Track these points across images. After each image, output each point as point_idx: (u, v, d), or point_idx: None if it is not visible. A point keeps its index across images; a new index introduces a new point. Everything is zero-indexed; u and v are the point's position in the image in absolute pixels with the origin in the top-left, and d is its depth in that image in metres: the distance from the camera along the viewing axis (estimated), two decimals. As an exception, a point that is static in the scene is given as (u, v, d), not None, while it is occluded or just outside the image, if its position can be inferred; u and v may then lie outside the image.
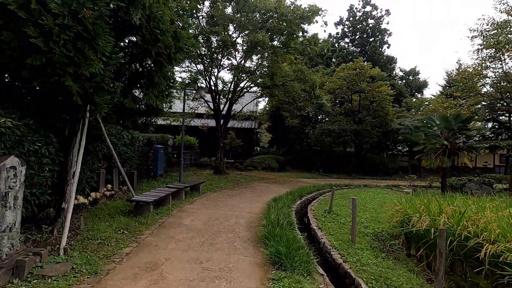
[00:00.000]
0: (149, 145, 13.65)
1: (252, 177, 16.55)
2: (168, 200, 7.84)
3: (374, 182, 18.17)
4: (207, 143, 21.64)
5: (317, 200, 10.05)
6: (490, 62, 12.99)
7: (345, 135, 19.33)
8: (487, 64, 13.20)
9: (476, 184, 13.13)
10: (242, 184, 13.59)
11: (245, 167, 20.89)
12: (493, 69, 13.31)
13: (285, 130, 24.68)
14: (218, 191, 11.24)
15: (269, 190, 12.24)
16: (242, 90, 17.15)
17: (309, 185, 14.16)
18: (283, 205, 7.99)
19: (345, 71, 19.27)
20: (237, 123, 24.34)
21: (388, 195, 11.75)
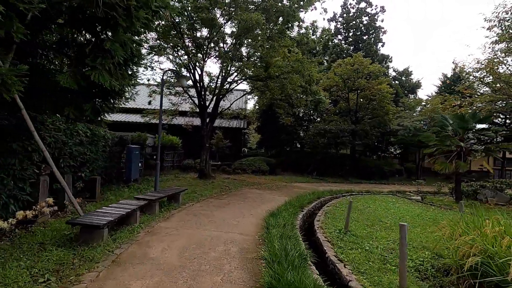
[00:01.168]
0: (121, 144, 11.61)
1: (242, 182, 14.72)
2: (134, 216, 5.92)
3: (374, 187, 16.74)
4: (191, 144, 19.65)
5: (321, 212, 8.35)
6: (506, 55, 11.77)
7: (343, 136, 17.85)
8: (503, 58, 11.96)
9: (491, 191, 11.86)
10: (230, 191, 11.75)
11: (233, 170, 19.04)
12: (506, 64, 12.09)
13: (276, 130, 22.99)
14: (203, 200, 9.35)
15: (263, 198, 10.47)
16: (231, 84, 15.32)
17: (306, 192, 12.48)
18: (285, 223, 6.22)
19: (342, 67, 17.80)
20: (224, 122, 22.44)
21: (400, 204, 10.23)
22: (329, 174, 20.48)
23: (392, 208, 9.27)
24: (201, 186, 12.09)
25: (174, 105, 17.12)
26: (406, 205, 10.35)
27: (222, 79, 14.66)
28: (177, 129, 19.67)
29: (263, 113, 24.51)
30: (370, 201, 10.69)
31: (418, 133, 19.88)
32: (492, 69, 11.65)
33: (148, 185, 11.33)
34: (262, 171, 19.51)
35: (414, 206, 10.19)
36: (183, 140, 19.31)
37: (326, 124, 18.31)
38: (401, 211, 8.86)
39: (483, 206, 11.05)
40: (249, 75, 13.50)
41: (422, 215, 8.29)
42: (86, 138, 7.37)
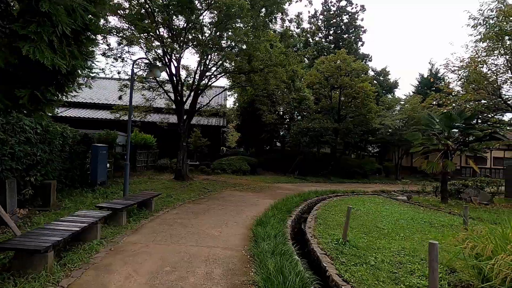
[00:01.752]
0: (85, 143, 10.28)
1: (222, 183, 13.78)
2: (94, 231, 4.85)
3: (357, 186, 16.43)
4: (167, 142, 18.38)
5: (311, 217, 7.65)
6: (488, 55, 11.72)
7: (326, 134, 17.39)
8: (485, 57, 11.91)
9: (475, 190, 11.81)
10: (210, 194, 10.78)
11: (212, 170, 18.02)
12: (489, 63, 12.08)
13: (257, 128, 22.22)
14: (179, 206, 8.33)
15: (246, 201, 9.61)
16: (210, 78, 14.30)
17: (291, 193, 11.80)
18: (275, 233, 5.41)
19: (326, 64, 17.33)
20: (203, 119, 21.31)
21: (390, 206, 9.79)
22: (311, 173, 20.03)
23: (384, 211, 8.78)
24: (178, 189, 11.01)
25: (148, 101, 15.80)
26: (395, 206, 9.94)
27: (201, 73, 13.61)
28: (152, 127, 18.31)
29: (244, 111, 23.64)
30: (359, 202, 10.19)
31: (399, 132, 19.94)
32: (476, 68, 11.57)
33: (117, 188, 10.11)
34: (242, 171, 18.67)
35: (404, 207, 9.80)
36: (158, 138, 18.01)
37: (309, 122, 17.77)
38: (394, 213, 8.37)
39: (468, 205, 10.92)
40: (230, 69, 12.57)
41: (416, 218, 7.84)
42: (36, 136, 6.11)
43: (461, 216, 8.74)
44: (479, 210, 10.00)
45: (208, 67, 13.77)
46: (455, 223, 7.30)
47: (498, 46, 10.94)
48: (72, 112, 19.03)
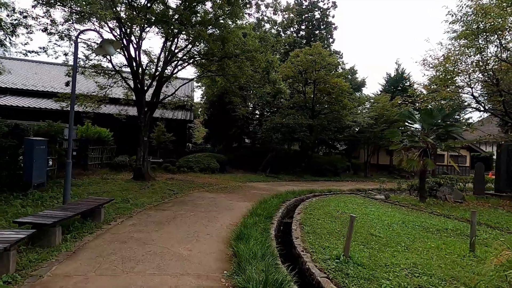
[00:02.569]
0: (16, 136, 8.30)
1: (189, 183, 12.33)
2: (4, 262, 3.33)
3: (332, 185, 15.92)
4: (126, 137, 16.36)
5: (296, 224, 6.65)
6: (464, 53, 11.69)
7: (301, 131, 16.65)
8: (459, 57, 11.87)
9: (449, 188, 11.77)
10: (176, 197, 9.33)
11: (178, 169, 16.40)
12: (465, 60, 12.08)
13: (227, 124, 20.88)
14: (138, 213, 6.84)
15: (219, 205, 8.36)
16: (177, 64, 12.70)
17: (267, 194, 10.79)
18: (263, 252, 4.28)
19: (301, 57, 16.53)
20: (167, 112, 19.47)
21: (372, 207, 9.17)
22: (282, 171, 19.25)
23: (370, 213, 8.09)
24: (137, 191, 9.40)
25: (102, 89, 13.72)
26: (379, 207, 9.37)
27: (165, 59, 11.97)
28: (108, 120, 16.17)
29: (212, 105, 22.16)
30: (341, 203, 9.46)
31: (370, 129, 19.93)
32: (446, 66, 11.47)
33: (59, 192, 8.26)
34: (211, 169, 17.29)
35: (387, 208, 9.26)
36: (115, 133, 15.95)
37: (283, 118, 16.90)
38: (381, 216, 7.70)
39: (445, 203, 10.80)
40: (201, 53, 11.12)
41: (406, 221, 7.22)
42: None
43: (447, 217, 8.40)
44: (458, 209, 9.82)
45: (174, 52, 12.18)
46: (449, 227, 6.77)
47: (473, 44, 10.88)
48: (9, 100, 16.15)
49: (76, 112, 14.98)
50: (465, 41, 11.38)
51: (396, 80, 27.59)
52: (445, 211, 9.33)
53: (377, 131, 19.78)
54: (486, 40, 10.50)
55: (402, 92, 25.80)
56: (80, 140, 13.92)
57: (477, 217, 8.20)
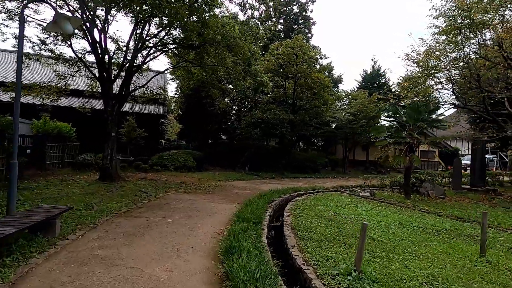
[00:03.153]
0: None
1: (164, 183, 11.25)
2: None
3: (314, 182, 15.51)
4: (92, 133, 14.86)
5: (288, 229, 5.97)
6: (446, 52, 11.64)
7: (283, 127, 16.04)
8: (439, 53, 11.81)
9: (430, 184, 11.77)
10: (150, 200, 8.29)
11: (151, 167, 15.15)
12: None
13: (203, 119, 19.79)
14: (103, 222, 5.79)
15: (200, 209, 7.47)
16: (149, 53, 11.50)
17: (250, 194, 10.07)
18: (262, 272, 3.52)
19: (282, 49, 15.85)
20: (139, 106, 18.01)
21: (362, 205, 8.76)
22: (262, 168, 18.60)
23: (362, 213, 7.64)
24: (104, 195, 8.23)
25: (62, 78, 12.15)
26: (368, 206, 8.99)
27: (136, 44, 10.74)
28: (70, 113, 14.56)
29: (188, 99, 20.93)
30: (330, 203, 8.95)
31: (349, 125, 19.85)
32: (439, 59, 11.37)
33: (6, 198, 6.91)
34: (187, 167, 16.22)
35: (377, 207, 8.90)
36: (79, 128, 14.42)
37: (264, 113, 16.18)
38: (375, 217, 7.27)
39: (429, 200, 10.73)
40: (176, 41, 10.03)
41: (402, 221, 6.83)
42: None
43: (437, 214, 8.17)
44: (443, 205, 9.73)
45: (146, 39, 10.97)
46: (447, 227, 6.45)
47: (454, 41, 10.82)
48: None
49: (31, 105, 13.34)
50: (446, 37, 11.32)
51: (372, 76, 27.97)
52: (432, 207, 9.17)
53: (356, 127, 19.74)
54: (468, 35, 10.45)
55: (378, 88, 26.20)
56: (36, 137, 12.28)
57: (462, 214, 8.13)
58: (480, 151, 13.55)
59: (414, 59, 12.30)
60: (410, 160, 10.02)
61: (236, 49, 9.38)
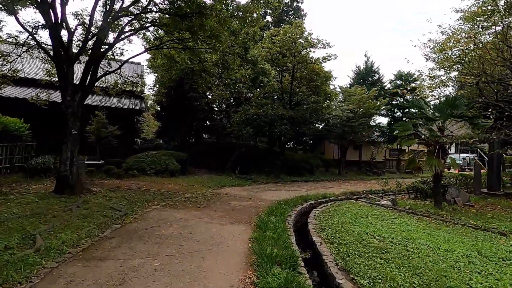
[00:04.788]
0: None
1: (143, 194, 8.89)
2: None
3: (319, 186, 13.70)
4: (53, 131, 12.16)
5: (343, 276, 4.01)
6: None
7: (282, 124, 14.05)
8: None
9: (456, 190, 10.32)
10: (124, 222, 5.96)
11: (126, 172, 12.63)
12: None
13: (186, 115, 17.39)
14: (45, 275, 3.50)
15: (197, 236, 5.29)
16: (123, 29, 9.07)
17: (253, 206, 8.05)
18: None
19: (281, 35, 13.84)
20: (111, 100, 15.34)
21: (401, 222, 6.96)
22: (253, 170, 16.57)
23: (413, 236, 5.82)
24: (57, 217, 5.81)
25: (7, 61, 9.40)
26: (403, 220, 7.24)
27: (104, 21, 8.30)
28: (21, 106, 11.76)
29: (169, 92, 18.39)
30: (360, 218, 7.10)
31: (348, 123, 18.31)
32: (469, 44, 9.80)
33: None
34: (170, 170, 13.85)
35: (417, 222, 7.17)
36: (35, 125, 11.68)
37: (260, 108, 14.13)
38: (437, 242, 5.49)
39: (462, 208, 9.23)
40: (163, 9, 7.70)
41: (477, 248, 5.07)
42: None
43: (488, 230, 6.56)
44: (484, 215, 8.21)
45: (118, 14, 8.55)
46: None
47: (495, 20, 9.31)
48: None
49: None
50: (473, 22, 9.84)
51: (365, 73, 26.78)
52: (477, 220, 7.63)
53: (355, 125, 18.25)
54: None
55: (372, 85, 25.01)
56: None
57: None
58: (497, 153, 12.40)
59: (435, 47, 10.77)
60: (440, 165, 8.41)
61: (244, 17, 7.17)
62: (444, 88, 13.19)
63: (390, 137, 25.73)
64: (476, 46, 9.09)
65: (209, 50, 9.79)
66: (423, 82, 13.05)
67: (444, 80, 11.61)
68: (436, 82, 12.06)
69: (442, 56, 10.56)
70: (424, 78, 11.24)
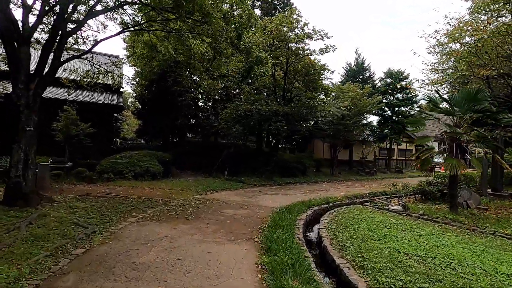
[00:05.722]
0: None
1: (119, 203, 7.41)
2: None
3: (317, 189, 12.60)
4: (8, 128, 10.41)
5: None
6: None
7: (276, 121, 12.85)
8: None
9: (467, 192, 9.52)
10: (88, 248, 4.53)
11: (100, 176, 11.02)
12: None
13: (169, 112, 15.88)
14: None
15: (189, 265, 3.97)
16: (93, 7, 7.57)
17: (251, 215, 6.82)
18: None
19: (275, 23, 12.63)
20: (83, 94, 13.61)
21: (428, 234, 5.92)
22: (243, 172, 15.30)
23: (454, 253, 4.80)
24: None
25: None
26: (428, 230, 6.23)
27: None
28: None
29: (150, 87, 16.81)
30: (380, 230, 6.01)
31: (342, 121, 17.41)
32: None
33: None
34: (151, 173, 12.36)
35: (446, 233, 6.19)
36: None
37: (252, 104, 12.87)
38: (464, 255, 4.51)
39: (479, 213, 8.40)
40: None
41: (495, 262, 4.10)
42: None
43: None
44: (506, 222, 7.40)
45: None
46: None
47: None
48: None
49: None
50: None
51: (356, 70, 26.12)
52: (499, 227, 6.82)
53: (350, 124, 17.39)
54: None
55: (363, 83, 24.38)
56: None
57: None
58: (501, 152, 11.82)
59: (444, 37, 9.93)
60: (458, 165, 7.51)
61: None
62: (437, 85, 12.55)
63: (380, 136, 25.21)
64: (492, 34, 8.28)
65: (197, 37, 8.46)
66: (424, 78, 12.27)
67: (450, 74, 10.84)
68: (437, 77, 11.31)
69: (453, 46, 9.73)
70: (425, 74, 10.40)
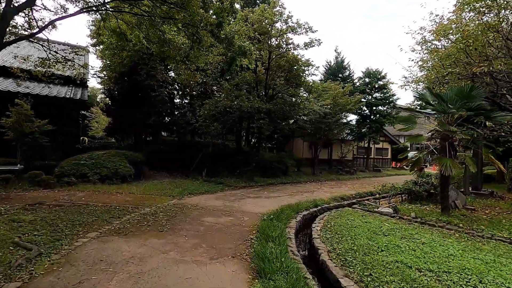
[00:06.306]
0: None
1: (78, 213, 6.27)
2: None
3: (301, 191, 11.97)
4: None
5: None
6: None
7: (259, 118, 12.04)
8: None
9: (455, 192, 9.34)
10: (28, 279, 3.52)
11: (59, 179, 9.65)
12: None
13: (142, 108, 14.58)
14: None
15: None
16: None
17: (235, 224, 6.01)
18: None
19: (257, 15, 11.82)
20: (39, 87, 12.03)
21: (429, 242, 5.41)
22: (222, 172, 14.41)
23: (465, 266, 4.29)
24: None
25: None
26: (428, 236, 5.77)
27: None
28: None
29: (120, 81, 15.37)
30: (378, 237, 5.42)
31: (324, 120, 17.02)
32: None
33: None
34: (121, 175, 11.12)
35: (440, 237, 5.74)
36: None
37: (233, 101, 11.97)
38: (478, 268, 4.04)
39: (469, 214, 8.16)
40: None
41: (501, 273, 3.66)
42: None
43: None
44: (497, 223, 7.17)
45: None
46: None
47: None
48: None
49: None
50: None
51: (336, 69, 26.01)
52: (494, 229, 6.56)
53: (331, 122, 17.05)
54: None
55: (343, 81, 24.28)
56: None
57: None
58: (480, 151, 11.90)
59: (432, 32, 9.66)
60: (455, 165, 7.18)
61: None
62: (415, 84, 12.47)
63: (359, 135, 25.30)
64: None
65: (173, 24, 7.48)
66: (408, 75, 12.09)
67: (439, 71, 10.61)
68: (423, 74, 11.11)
69: (438, 44, 9.49)
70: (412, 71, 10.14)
